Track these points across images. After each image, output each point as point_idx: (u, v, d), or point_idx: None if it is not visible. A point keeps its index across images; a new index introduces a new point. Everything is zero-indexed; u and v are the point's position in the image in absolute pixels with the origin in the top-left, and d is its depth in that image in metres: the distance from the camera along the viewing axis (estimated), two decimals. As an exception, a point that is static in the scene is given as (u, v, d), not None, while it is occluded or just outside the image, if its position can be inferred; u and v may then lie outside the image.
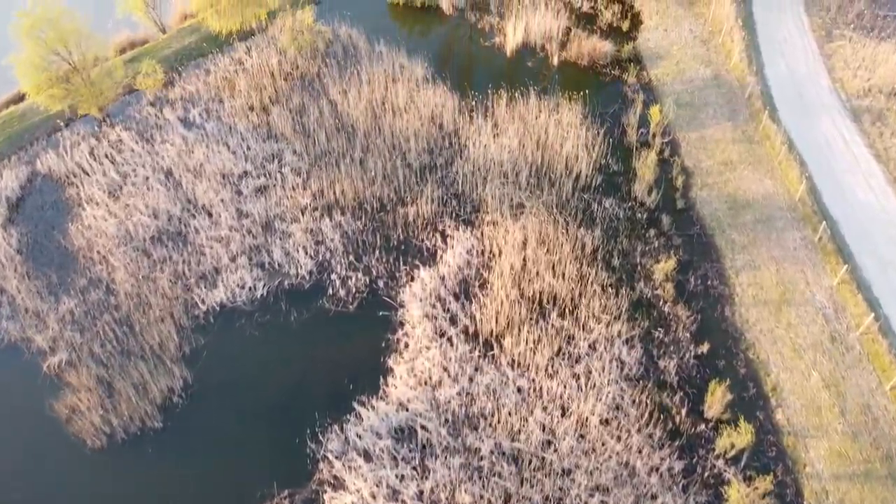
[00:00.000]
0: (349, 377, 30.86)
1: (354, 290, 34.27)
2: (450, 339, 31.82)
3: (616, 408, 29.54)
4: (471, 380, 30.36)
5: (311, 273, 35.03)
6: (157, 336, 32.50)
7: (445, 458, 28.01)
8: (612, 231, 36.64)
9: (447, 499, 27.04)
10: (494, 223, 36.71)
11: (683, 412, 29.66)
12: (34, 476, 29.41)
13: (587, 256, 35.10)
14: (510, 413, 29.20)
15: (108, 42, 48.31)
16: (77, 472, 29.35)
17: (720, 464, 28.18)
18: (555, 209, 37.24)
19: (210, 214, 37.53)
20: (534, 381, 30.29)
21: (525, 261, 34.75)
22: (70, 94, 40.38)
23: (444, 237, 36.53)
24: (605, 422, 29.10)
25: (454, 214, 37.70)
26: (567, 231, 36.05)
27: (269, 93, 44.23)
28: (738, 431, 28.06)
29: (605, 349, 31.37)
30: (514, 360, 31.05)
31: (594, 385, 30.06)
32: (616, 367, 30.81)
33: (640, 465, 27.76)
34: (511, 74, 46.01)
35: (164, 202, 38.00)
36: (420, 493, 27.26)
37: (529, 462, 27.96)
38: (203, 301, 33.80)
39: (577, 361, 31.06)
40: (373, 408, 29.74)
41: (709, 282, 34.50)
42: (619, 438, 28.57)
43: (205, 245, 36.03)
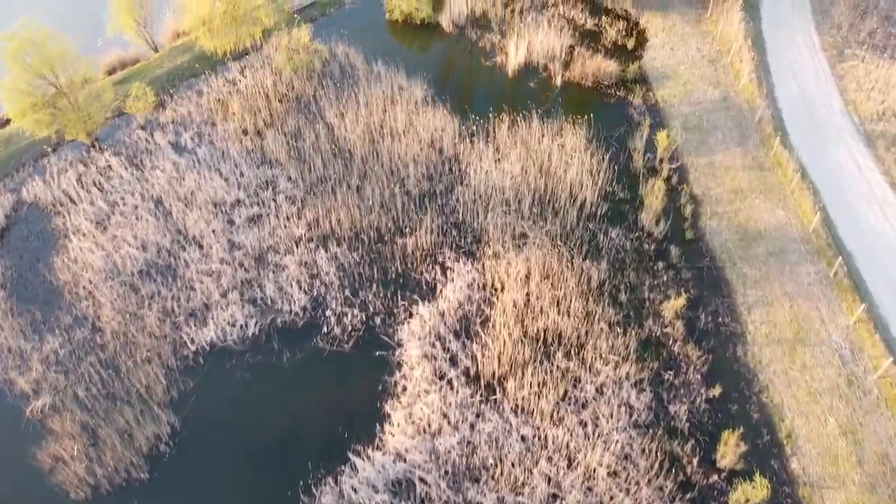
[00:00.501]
0: (344, 424, 29.50)
1: (350, 328, 32.88)
2: (450, 382, 30.45)
3: (625, 457, 28.19)
4: (472, 427, 28.98)
5: (305, 309, 33.62)
6: (144, 379, 31.07)
7: (446, 514, 26.71)
8: (619, 263, 35.26)
9: (447, 558, 25.78)
10: (496, 255, 35.33)
11: (695, 462, 28.30)
12: (14, 529, 28.09)
13: (593, 291, 33.74)
14: (514, 464, 27.83)
15: (98, 62, 46.77)
16: (59, 526, 27.97)
17: (734, 519, 26.89)
18: (559, 240, 35.89)
19: (201, 246, 36.11)
20: (538, 429, 28.92)
21: (528, 296, 33.40)
22: (57, 120, 38.94)
23: (444, 270, 35.16)
24: (614, 473, 27.74)
25: (454, 245, 36.32)
26: (572, 263, 34.68)
27: (264, 115, 42.79)
28: (754, 486, 26.72)
29: (613, 393, 30.01)
30: (518, 406, 29.68)
31: (602, 433, 28.72)
32: (625, 413, 29.44)
33: (651, 522, 26.48)
34: (513, 95, 44.60)
35: (154, 233, 36.58)
36: (419, 552, 25.97)
37: (534, 518, 26.67)
38: (192, 340, 32.39)
39: (584, 407, 29.69)
40: (369, 458, 28.33)
41: (720, 318, 33.13)
42: (629, 492, 27.21)
43: (195, 279, 34.61)
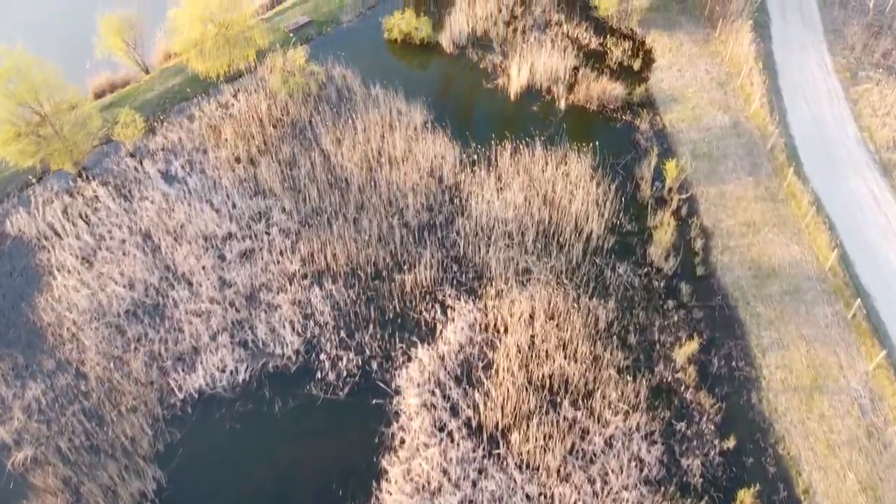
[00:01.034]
0: (338, 480, 27.93)
1: (345, 374, 31.33)
2: (450, 435, 28.91)
3: (635, 518, 26.72)
4: (474, 485, 27.43)
5: (298, 353, 32.06)
6: (129, 430, 29.48)
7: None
8: (628, 302, 33.75)
9: None
10: (499, 293, 33.81)
11: (710, 522, 26.87)
12: None
13: (601, 333, 32.23)
14: (518, 527, 26.39)
15: (86, 85, 45.44)
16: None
17: (753, 587, 25.40)
18: (565, 276, 34.41)
19: (190, 284, 34.56)
20: (545, 486, 27.37)
21: (533, 338, 31.88)
22: (42, 149, 37.40)
23: (445, 308, 33.64)
24: (624, 536, 26.29)
25: (455, 281, 34.81)
26: (578, 303, 33.20)
27: (258, 142, 41.26)
28: (773, 552, 25.27)
29: (623, 446, 28.49)
30: (523, 461, 28.13)
31: (612, 490, 27.19)
32: (635, 468, 27.91)
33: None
34: (515, 120, 43.09)
35: (141, 270, 35.02)
36: None
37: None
38: (180, 387, 30.81)
39: (592, 461, 28.14)
40: (365, 519, 26.89)
41: (733, 362, 31.62)
42: (640, 557, 25.75)
43: (183, 320, 33.05)
